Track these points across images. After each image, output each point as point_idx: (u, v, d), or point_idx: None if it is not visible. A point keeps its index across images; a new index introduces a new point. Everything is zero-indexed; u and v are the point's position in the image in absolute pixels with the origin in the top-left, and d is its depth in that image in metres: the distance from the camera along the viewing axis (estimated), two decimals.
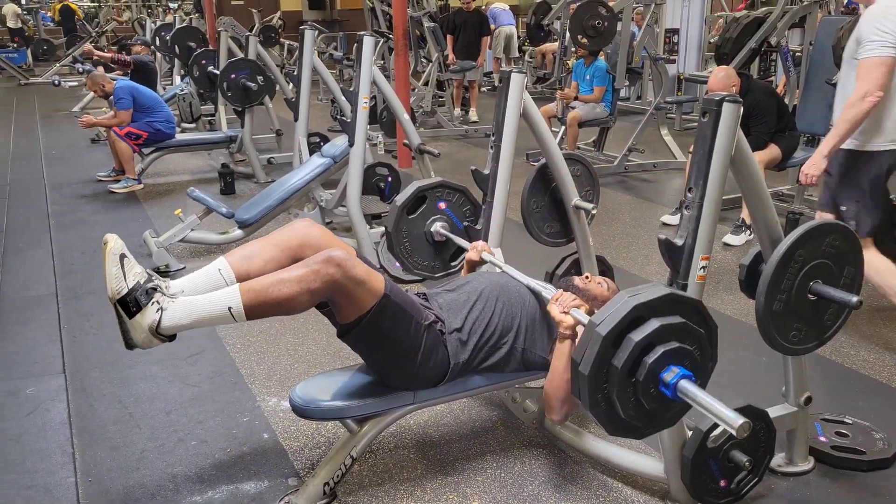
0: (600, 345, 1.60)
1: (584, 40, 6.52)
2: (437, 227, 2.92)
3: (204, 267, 2.11)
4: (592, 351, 1.61)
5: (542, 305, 2.33)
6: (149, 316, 1.88)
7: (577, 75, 6.97)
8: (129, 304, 1.88)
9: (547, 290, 2.25)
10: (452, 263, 3.02)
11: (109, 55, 8.41)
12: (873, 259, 3.00)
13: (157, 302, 1.90)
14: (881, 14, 2.83)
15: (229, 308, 1.92)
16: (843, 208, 3.05)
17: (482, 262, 2.64)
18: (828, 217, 3.06)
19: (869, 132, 2.95)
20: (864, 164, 2.99)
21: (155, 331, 1.89)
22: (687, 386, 1.61)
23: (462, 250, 2.84)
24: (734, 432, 1.52)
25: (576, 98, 6.78)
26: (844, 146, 2.99)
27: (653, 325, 1.62)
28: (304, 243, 2.17)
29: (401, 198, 2.89)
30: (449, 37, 9.02)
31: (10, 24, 16.43)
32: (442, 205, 2.94)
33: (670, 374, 1.63)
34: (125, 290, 1.88)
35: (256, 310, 1.95)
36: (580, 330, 2.04)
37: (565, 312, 2.09)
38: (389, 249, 2.93)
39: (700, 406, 1.59)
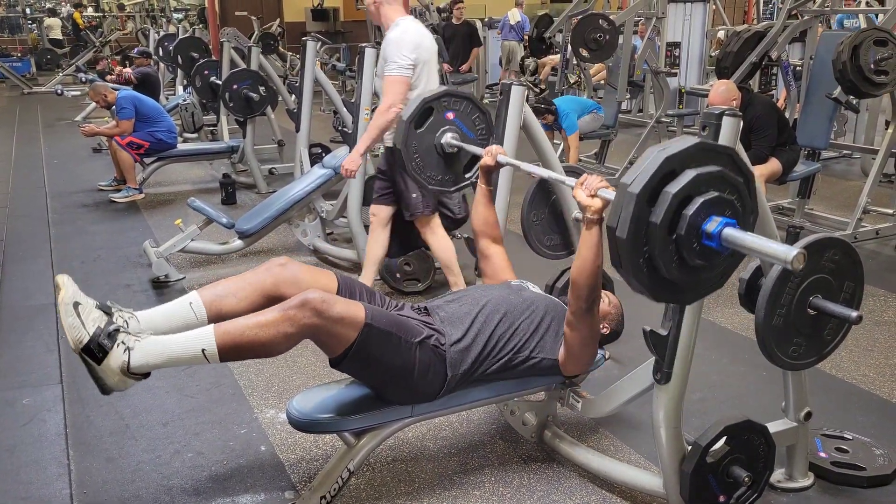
0: (635, 204, 1.52)
1: (586, 52, 6.53)
2: (448, 137, 2.84)
3: (175, 300, 2.11)
4: (628, 212, 1.52)
5: (548, 312, 2.31)
6: (116, 358, 1.86)
7: (549, 128, 6.60)
8: (94, 351, 1.85)
9: (570, 179, 2.18)
10: (467, 175, 2.95)
11: (113, 79, 8.41)
12: (441, 236, 3.65)
13: (123, 342, 1.88)
14: (402, 40, 3.42)
15: (203, 350, 1.91)
16: (413, 197, 3.57)
17: (499, 166, 2.60)
18: (384, 210, 3.67)
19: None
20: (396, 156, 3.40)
21: (126, 371, 1.88)
22: (733, 233, 1.53)
23: (476, 160, 2.77)
24: (789, 265, 1.44)
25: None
26: (388, 144, 3.51)
27: (688, 175, 1.53)
28: (278, 281, 2.17)
29: (406, 112, 2.82)
30: None
31: (55, 35, 16.66)
32: (450, 115, 2.86)
33: (713, 224, 1.54)
34: (86, 338, 1.86)
35: (231, 353, 1.94)
36: (609, 196, 1.97)
37: (592, 196, 2.03)
38: (401, 167, 2.85)
39: (751, 249, 1.51)
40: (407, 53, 3.39)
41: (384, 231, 3.74)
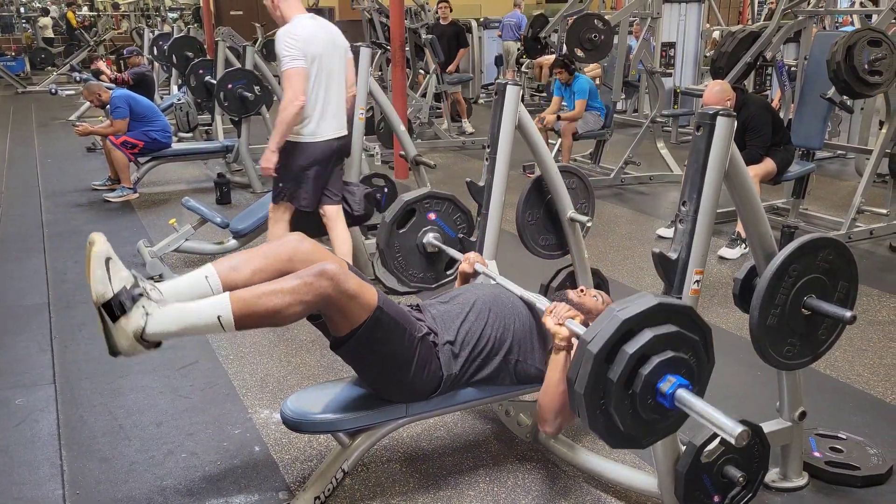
0: (593, 362, 1.60)
1: (581, 52, 6.53)
2: (430, 238, 2.91)
3: (190, 272, 2.09)
4: (586, 369, 1.60)
5: (536, 317, 2.31)
6: (134, 321, 1.83)
7: (559, 92, 6.92)
8: (114, 308, 1.83)
9: (541, 302, 2.24)
10: (447, 272, 3.01)
11: (108, 79, 8.38)
12: (279, 232, 3.69)
13: (143, 307, 1.85)
14: (286, 34, 3.46)
15: (219, 317, 1.89)
16: (281, 185, 3.67)
17: (475, 273, 2.63)
18: (330, 210, 3.77)
19: (302, 128, 3.59)
20: (296, 153, 3.61)
21: (140, 337, 1.84)
22: (684, 395, 1.60)
23: (456, 259, 2.83)
24: (733, 441, 1.50)
25: (558, 118, 6.74)
26: (293, 139, 3.59)
27: (645, 335, 1.61)
28: (293, 256, 2.15)
29: (389, 213, 2.89)
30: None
31: (48, 34, 16.58)
32: (432, 215, 2.93)
33: (667, 384, 1.61)
34: (110, 294, 1.82)
35: (246, 320, 1.92)
36: (575, 342, 2.02)
37: (560, 324, 2.08)
38: (383, 265, 2.92)
39: (698, 415, 1.57)
40: (292, 44, 3.44)
41: (285, 226, 3.74)
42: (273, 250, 2.17)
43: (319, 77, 3.56)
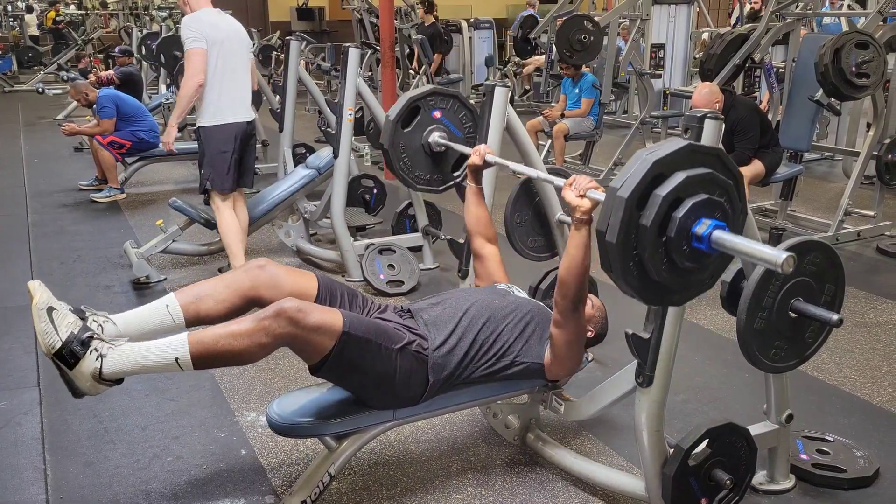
0: (624, 208, 1.51)
1: (569, 54, 6.54)
2: (436, 136, 2.83)
3: (152, 302, 2.09)
4: (617, 217, 1.52)
5: (534, 316, 2.31)
6: (88, 364, 1.85)
7: (566, 89, 6.99)
8: (67, 357, 1.84)
9: (558, 180, 2.17)
10: (455, 174, 2.93)
11: (95, 78, 8.33)
12: (227, 217, 3.95)
13: (96, 349, 1.87)
14: (190, 19, 3.77)
15: (176, 359, 1.89)
16: (202, 171, 3.91)
17: (486, 165, 2.59)
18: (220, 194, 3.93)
19: (205, 111, 3.83)
20: (208, 135, 3.85)
21: (99, 378, 1.86)
22: (722, 235, 1.52)
23: (464, 159, 2.77)
24: (779, 269, 1.44)
25: (562, 115, 6.79)
26: (199, 124, 3.86)
27: (678, 177, 1.53)
28: (256, 284, 2.15)
29: (393, 111, 2.80)
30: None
31: (32, 31, 16.46)
32: (437, 114, 2.84)
33: (703, 227, 1.53)
34: (59, 344, 1.84)
35: (205, 361, 1.93)
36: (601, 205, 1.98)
37: (581, 196, 2.01)
38: (388, 167, 2.84)
39: (740, 252, 1.51)
40: (195, 27, 3.70)
41: (234, 216, 4.01)
42: (237, 279, 2.17)
43: (221, 61, 3.78)
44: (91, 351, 1.85)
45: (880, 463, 2.47)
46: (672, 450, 2.09)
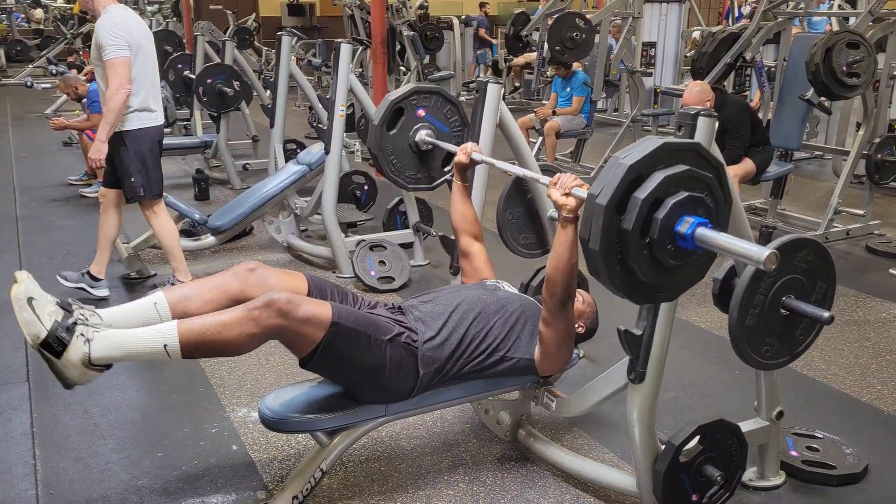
0: (604, 214, 1.53)
1: (561, 51, 6.54)
2: (422, 135, 2.83)
3: (139, 299, 2.07)
4: (598, 223, 1.53)
5: (524, 312, 2.31)
6: (77, 350, 1.83)
7: (556, 87, 7.00)
8: (53, 345, 1.82)
9: (544, 177, 2.18)
10: (445, 169, 2.93)
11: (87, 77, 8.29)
12: (165, 220, 3.93)
13: (83, 334, 1.85)
14: (110, 24, 3.53)
15: (165, 345, 1.88)
16: (131, 180, 3.76)
17: (473, 163, 2.60)
18: (111, 192, 3.87)
19: (132, 116, 3.66)
20: (135, 140, 3.71)
21: (88, 363, 1.84)
22: (705, 232, 1.53)
23: (453, 153, 2.78)
24: (762, 266, 1.46)
25: (554, 113, 6.80)
26: (124, 128, 3.66)
27: (656, 178, 1.54)
28: (245, 286, 2.15)
29: (377, 115, 2.80)
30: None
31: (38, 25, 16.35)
32: (421, 112, 2.83)
33: (685, 226, 1.55)
34: (44, 333, 1.82)
35: (193, 350, 1.91)
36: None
37: (566, 195, 2.03)
38: (379, 171, 2.84)
39: (723, 249, 1.52)
40: (117, 33, 3.52)
41: (115, 212, 3.94)
42: (225, 281, 2.17)
43: (144, 65, 3.68)
44: (77, 336, 1.83)
45: (869, 460, 2.48)
46: (663, 446, 2.09)
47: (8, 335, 3.49)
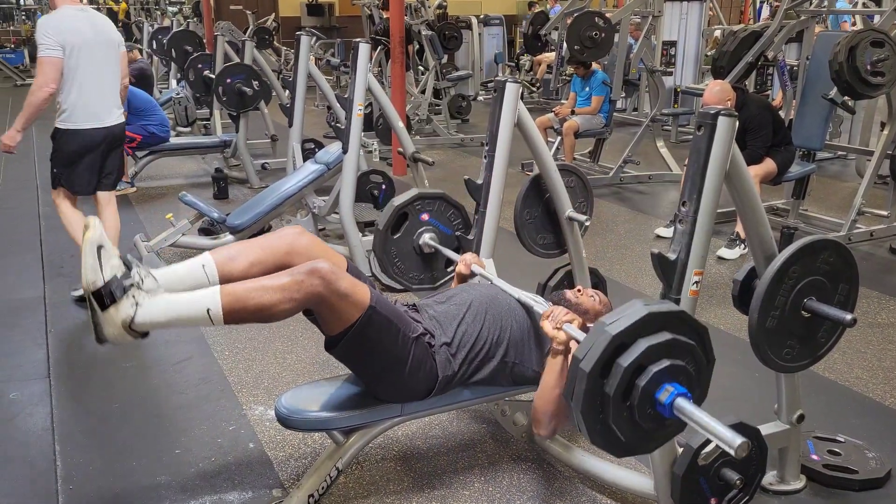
0: (587, 380, 1.57)
1: (581, 51, 6.50)
2: (426, 238, 2.87)
3: (188, 260, 2.08)
4: (581, 387, 1.58)
5: (533, 319, 2.30)
6: (123, 310, 1.82)
7: (575, 87, 6.97)
8: (104, 297, 1.82)
9: (539, 305, 2.21)
10: (448, 269, 2.97)
11: None
12: (68, 213, 3.93)
13: (133, 297, 1.85)
14: (46, 23, 3.63)
15: (208, 310, 1.88)
16: (55, 170, 3.84)
17: (472, 274, 2.61)
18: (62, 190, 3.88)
19: (61, 114, 3.73)
20: (64, 140, 3.78)
21: (128, 326, 1.84)
22: (683, 404, 1.57)
23: (456, 251, 2.79)
24: (732, 452, 1.48)
25: (572, 112, 6.77)
26: (56, 125, 3.77)
27: (640, 346, 1.58)
28: (291, 250, 2.13)
29: (381, 221, 2.86)
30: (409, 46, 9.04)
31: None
32: (425, 216, 2.89)
33: (665, 394, 1.59)
34: (101, 283, 1.82)
35: (235, 315, 1.91)
36: (573, 346, 2.00)
37: (558, 328, 2.06)
38: (383, 272, 2.89)
39: (697, 426, 1.55)
40: (49, 34, 3.56)
41: (75, 211, 3.96)
42: (271, 243, 2.16)
43: (79, 67, 3.64)
44: (129, 297, 1.84)
45: (892, 464, 2.44)
46: (681, 448, 2.07)
47: (29, 332, 3.53)
